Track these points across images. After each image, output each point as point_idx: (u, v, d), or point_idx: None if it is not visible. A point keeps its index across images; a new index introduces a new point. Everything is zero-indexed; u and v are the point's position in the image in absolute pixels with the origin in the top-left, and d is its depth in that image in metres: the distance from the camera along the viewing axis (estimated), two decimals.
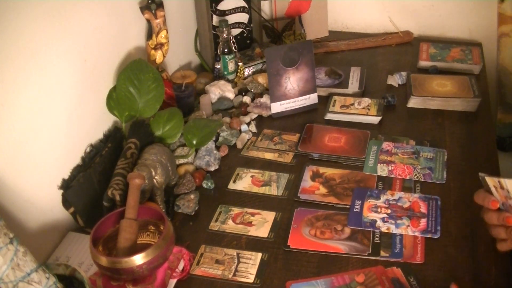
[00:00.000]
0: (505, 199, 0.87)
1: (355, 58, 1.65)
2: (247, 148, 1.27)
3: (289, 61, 1.35)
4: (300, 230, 1.03)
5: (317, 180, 1.15)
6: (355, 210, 1.06)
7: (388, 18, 1.78)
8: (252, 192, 1.14)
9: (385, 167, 1.16)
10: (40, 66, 0.95)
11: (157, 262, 0.86)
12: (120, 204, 0.98)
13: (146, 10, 1.24)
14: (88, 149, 1.10)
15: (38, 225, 0.98)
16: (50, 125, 0.99)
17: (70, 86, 1.04)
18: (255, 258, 0.98)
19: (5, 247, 0.72)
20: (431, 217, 1.03)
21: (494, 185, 0.87)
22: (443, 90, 1.39)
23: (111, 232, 0.93)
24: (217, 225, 1.06)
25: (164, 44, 1.30)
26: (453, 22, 1.72)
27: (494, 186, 0.87)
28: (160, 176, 1.03)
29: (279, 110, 1.37)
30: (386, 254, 0.96)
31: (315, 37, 1.74)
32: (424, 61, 1.56)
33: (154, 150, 1.07)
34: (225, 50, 1.49)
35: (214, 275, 0.95)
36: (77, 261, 0.98)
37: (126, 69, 1.16)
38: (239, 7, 1.59)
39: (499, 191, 0.86)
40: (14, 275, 0.73)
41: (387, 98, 1.40)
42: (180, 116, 1.20)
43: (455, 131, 1.29)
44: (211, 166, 1.20)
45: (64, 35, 1.00)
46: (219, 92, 1.42)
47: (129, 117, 1.16)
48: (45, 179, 0.99)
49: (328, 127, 1.33)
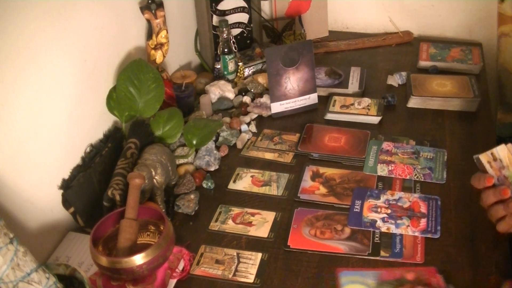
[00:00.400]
0: (499, 172, 0.91)
1: (355, 58, 1.65)
2: (247, 148, 1.27)
3: (289, 61, 1.35)
4: (300, 230, 1.03)
5: (317, 180, 1.15)
6: (355, 210, 1.06)
7: (388, 18, 1.78)
8: (252, 192, 1.14)
9: (385, 167, 1.16)
10: (40, 66, 0.95)
11: (157, 262, 0.86)
12: (120, 204, 0.98)
13: (146, 10, 1.24)
14: (88, 149, 1.10)
15: (38, 225, 0.98)
16: (50, 125, 0.99)
17: (70, 86, 1.04)
18: (255, 258, 0.98)
19: (5, 247, 0.72)
20: (431, 217, 1.03)
21: (488, 160, 0.91)
22: (443, 90, 1.39)
23: (111, 232, 0.93)
24: (217, 225, 1.06)
25: (164, 44, 1.30)
26: (453, 22, 1.72)
27: (488, 161, 0.92)
28: (160, 176, 1.03)
29: (279, 110, 1.37)
30: (386, 254, 0.96)
31: (315, 37, 1.74)
32: (424, 61, 1.56)
33: (154, 150, 1.07)
34: (225, 50, 1.49)
35: (214, 275, 0.95)
36: (77, 261, 0.98)
37: (126, 69, 1.16)
38: (239, 7, 1.59)
39: (493, 165, 0.90)
40: (14, 275, 0.73)
41: (387, 98, 1.40)
42: (180, 116, 1.20)
43: (455, 131, 1.29)
44: (211, 166, 1.20)
45: (64, 35, 1.00)
46: (219, 92, 1.42)
47: (129, 117, 1.16)
48: (45, 179, 0.99)
49: (328, 127, 1.33)
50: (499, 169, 0.91)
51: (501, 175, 0.91)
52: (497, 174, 0.91)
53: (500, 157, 0.90)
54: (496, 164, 0.90)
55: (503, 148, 0.92)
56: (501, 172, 0.91)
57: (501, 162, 0.90)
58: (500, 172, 0.91)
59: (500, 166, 0.91)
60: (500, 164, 0.90)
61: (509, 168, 0.91)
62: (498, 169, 0.91)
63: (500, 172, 0.91)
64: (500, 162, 0.90)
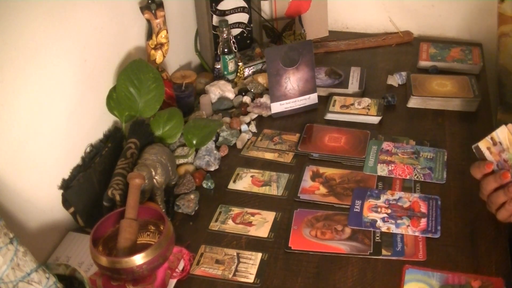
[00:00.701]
0: (499, 156, 0.90)
1: (355, 58, 1.65)
2: (247, 148, 1.27)
3: (289, 61, 1.35)
4: (301, 231, 1.03)
5: (317, 180, 1.15)
6: (355, 210, 1.06)
7: (388, 18, 1.78)
8: (252, 192, 1.14)
9: (385, 167, 1.16)
10: (40, 66, 0.95)
11: (157, 262, 0.86)
12: (120, 204, 0.98)
13: (146, 10, 1.24)
14: (88, 149, 1.10)
15: (38, 225, 0.98)
16: (50, 125, 0.99)
17: (70, 86, 1.04)
18: (255, 258, 0.98)
19: (5, 247, 0.72)
20: (431, 217, 1.03)
21: (487, 146, 0.91)
22: (443, 90, 1.39)
23: (111, 232, 0.93)
24: (217, 225, 1.06)
25: (164, 44, 1.30)
26: (453, 22, 1.72)
27: (487, 148, 0.91)
28: (160, 176, 1.03)
29: (279, 110, 1.37)
30: (388, 253, 0.96)
31: (315, 37, 1.74)
32: (424, 61, 1.56)
33: (154, 150, 1.07)
34: (225, 50, 1.49)
35: (214, 275, 0.95)
36: (77, 261, 0.98)
37: (126, 69, 1.16)
38: (239, 7, 1.59)
39: (493, 150, 0.90)
40: (14, 275, 0.73)
41: (387, 98, 1.40)
42: (180, 116, 1.20)
43: (455, 131, 1.29)
44: (211, 166, 1.20)
45: (64, 35, 1.00)
46: (219, 92, 1.42)
47: (129, 117, 1.16)
48: (45, 179, 0.99)
49: (328, 127, 1.33)
50: (499, 153, 0.90)
51: (500, 159, 0.90)
52: (497, 159, 0.90)
53: (500, 140, 0.89)
54: (496, 149, 0.89)
55: (503, 129, 0.91)
56: (501, 156, 0.90)
57: (501, 145, 0.89)
58: (500, 156, 0.90)
59: (500, 150, 0.89)
60: (500, 147, 0.89)
61: (509, 149, 0.90)
62: (498, 153, 0.89)
63: (500, 156, 0.90)
64: (500, 145, 0.89)
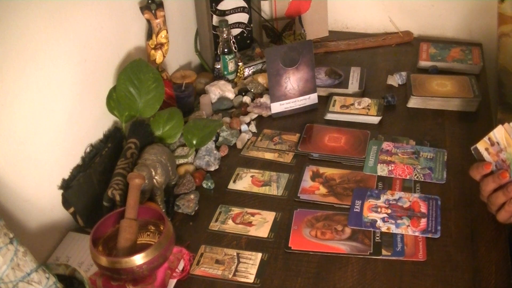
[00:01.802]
0: (497, 156, 0.90)
1: (355, 58, 1.65)
2: (247, 148, 1.27)
3: (289, 61, 1.35)
4: (301, 232, 1.03)
5: (317, 180, 1.15)
6: (355, 210, 1.06)
7: (388, 18, 1.78)
8: (252, 192, 1.14)
9: (385, 167, 1.16)
10: (40, 66, 0.95)
11: (157, 262, 0.86)
12: (120, 204, 0.98)
13: (146, 10, 1.24)
14: (88, 149, 1.10)
15: (38, 225, 0.98)
16: (50, 125, 0.99)
17: (70, 86, 1.04)
18: (255, 258, 0.98)
19: (5, 247, 0.72)
20: (431, 217, 1.03)
21: (485, 147, 0.91)
22: (443, 90, 1.39)
23: (111, 232, 0.93)
24: (217, 225, 1.06)
25: (164, 44, 1.30)
26: (453, 22, 1.72)
27: (486, 148, 0.91)
28: (160, 176, 1.03)
29: (279, 110, 1.37)
30: (388, 253, 0.96)
31: (315, 37, 1.74)
32: (424, 61, 1.56)
33: (154, 150, 1.07)
34: (225, 50, 1.49)
35: (214, 275, 0.95)
36: (77, 261, 0.98)
37: (126, 69, 1.16)
38: (239, 7, 1.59)
39: (491, 150, 0.90)
40: (14, 275, 0.73)
41: (387, 98, 1.40)
42: (180, 116, 1.20)
43: (455, 131, 1.29)
44: (211, 166, 1.20)
45: (64, 35, 1.00)
46: (219, 92, 1.42)
47: (129, 117, 1.16)
48: (45, 179, 0.99)
49: (328, 127, 1.33)
50: (497, 154, 0.90)
51: (499, 159, 0.90)
52: (495, 159, 0.91)
53: (497, 140, 0.89)
54: (494, 149, 0.89)
55: (500, 129, 0.91)
56: (499, 157, 0.90)
57: (498, 145, 0.89)
58: (498, 156, 0.90)
59: (498, 150, 0.90)
60: (498, 147, 0.89)
61: (507, 149, 0.90)
62: (496, 153, 0.90)
63: (498, 156, 0.90)
64: (498, 145, 0.89)
